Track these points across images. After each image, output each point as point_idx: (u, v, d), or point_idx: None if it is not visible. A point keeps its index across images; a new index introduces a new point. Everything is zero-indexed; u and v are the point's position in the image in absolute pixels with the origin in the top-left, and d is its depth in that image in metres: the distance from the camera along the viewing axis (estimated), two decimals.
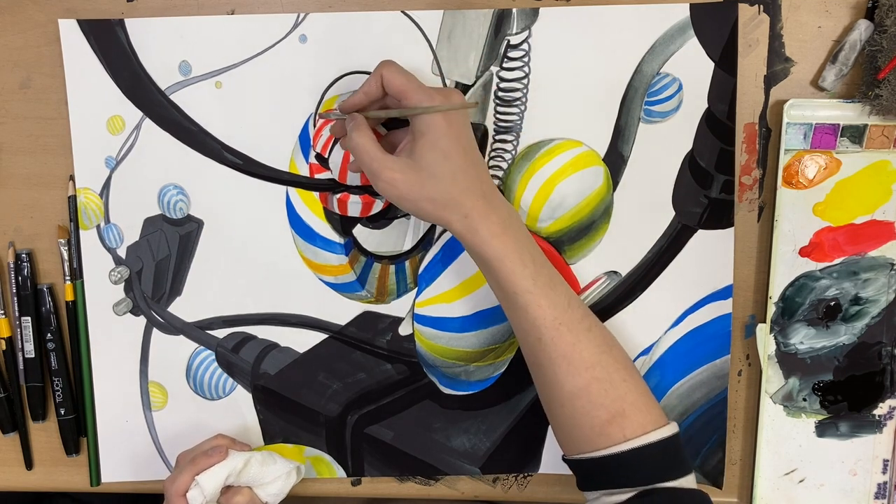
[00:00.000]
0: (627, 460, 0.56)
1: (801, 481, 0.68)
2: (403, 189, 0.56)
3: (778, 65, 0.65)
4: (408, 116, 0.58)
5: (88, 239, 0.67)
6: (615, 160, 0.65)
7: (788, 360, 0.68)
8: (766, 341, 0.67)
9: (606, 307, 0.67)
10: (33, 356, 0.69)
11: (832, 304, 0.67)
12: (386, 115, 0.59)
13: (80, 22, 0.65)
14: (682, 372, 0.68)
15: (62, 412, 0.70)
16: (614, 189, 0.66)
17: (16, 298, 0.69)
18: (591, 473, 0.58)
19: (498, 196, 0.59)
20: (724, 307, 0.67)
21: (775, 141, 0.65)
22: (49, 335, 0.69)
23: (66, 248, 0.67)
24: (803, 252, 0.66)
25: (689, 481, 0.57)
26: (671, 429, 0.57)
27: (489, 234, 0.57)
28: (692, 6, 0.63)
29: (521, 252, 0.57)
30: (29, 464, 0.72)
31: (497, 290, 0.60)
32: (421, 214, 0.58)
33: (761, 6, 0.64)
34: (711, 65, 0.64)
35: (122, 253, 0.68)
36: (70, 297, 0.68)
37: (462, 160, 0.56)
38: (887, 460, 0.68)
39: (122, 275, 0.68)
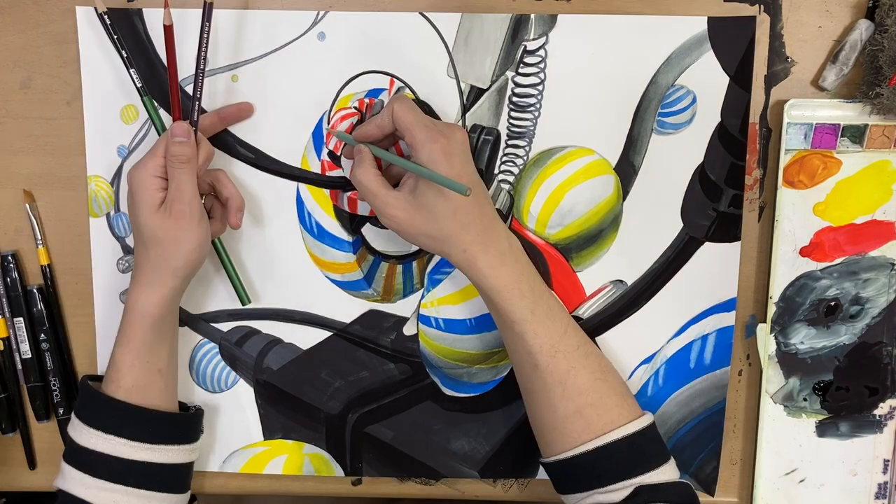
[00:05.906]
0: (605, 453, 0.58)
1: (801, 481, 0.69)
2: (404, 225, 0.59)
3: (778, 65, 0.65)
4: (407, 170, 0.60)
5: (98, 227, 0.67)
6: (626, 170, 0.66)
7: (789, 360, 0.68)
8: (766, 341, 0.67)
9: (611, 315, 0.68)
10: (30, 356, 0.68)
11: (832, 303, 0.67)
12: (390, 160, 0.61)
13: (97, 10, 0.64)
14: (682, 381, 0.68)
15: (61, 412, 0.69)
16: (624, 199, 0.66)
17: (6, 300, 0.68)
18: (571, 473, 0.60)
19: (499, 227, 0.61)
20: (726, 319, 0.67)
21: (776, 141, 0.65)
22: (42, 335, 0.68)
23: (35, 214, 0.67)
24: (804, 252, 0.66)
25: (670, 468, 0.59)
26: (647, 419, 0.60)
27: (487, 266, 0.59)
28: (710, 19, 0.63)
29: (519, 283, 0.59)
30: (31, 464, 0.71)
31: (496, 319, 0.62)
32: (421, 246, 0.61)
33: (761, 6, 0.64)
34: (726, 79, 0.64)
35: (130, 242, 0.67)
36: (45, 261, 0.68)
37: (461, 197, 0.58)
38: (888, 460, 0.68)
39: (131, 264, 0.67)
